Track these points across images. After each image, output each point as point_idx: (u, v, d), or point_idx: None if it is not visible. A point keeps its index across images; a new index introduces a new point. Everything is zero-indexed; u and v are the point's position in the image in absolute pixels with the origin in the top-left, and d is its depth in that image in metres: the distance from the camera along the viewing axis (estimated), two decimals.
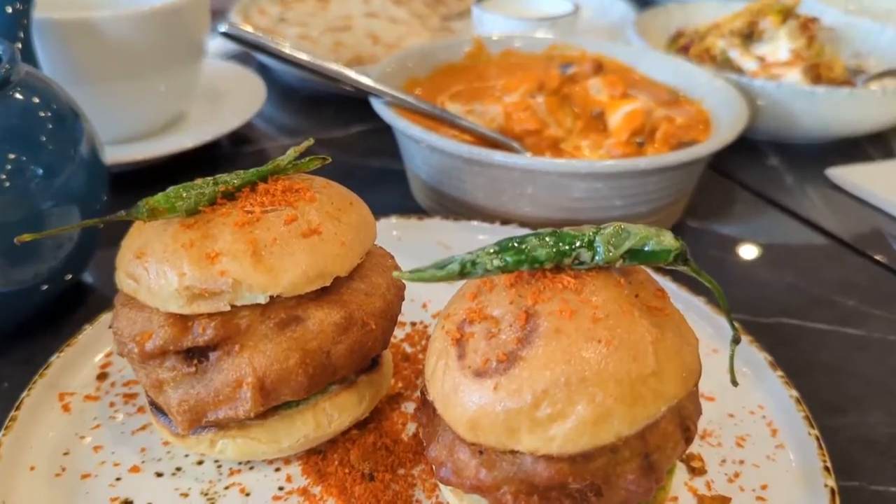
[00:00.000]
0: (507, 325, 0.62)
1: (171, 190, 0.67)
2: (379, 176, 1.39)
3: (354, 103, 1.58)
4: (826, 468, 0.74)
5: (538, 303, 0.62)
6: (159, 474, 0.75)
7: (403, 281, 0.75)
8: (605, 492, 0.62)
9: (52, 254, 0.92)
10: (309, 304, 0.68)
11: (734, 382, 0.70)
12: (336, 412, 0.73)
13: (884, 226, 1.31)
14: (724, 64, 1.62)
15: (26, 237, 0.63)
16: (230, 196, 0.70)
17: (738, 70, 1.58)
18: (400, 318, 0.96)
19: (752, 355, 0.89)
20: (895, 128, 1.56)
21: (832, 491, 0.72)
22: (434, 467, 0.67)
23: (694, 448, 0.79)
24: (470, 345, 0.63)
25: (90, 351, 0.88)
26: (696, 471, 0.77)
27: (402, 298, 0.78)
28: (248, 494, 0.73)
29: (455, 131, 1.19)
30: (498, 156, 1.05)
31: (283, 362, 0.66)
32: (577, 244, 0.63)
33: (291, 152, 0.75)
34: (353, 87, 1.18)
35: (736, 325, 0.69)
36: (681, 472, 0.77)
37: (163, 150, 1.30)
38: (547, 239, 0.63)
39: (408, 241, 1.04)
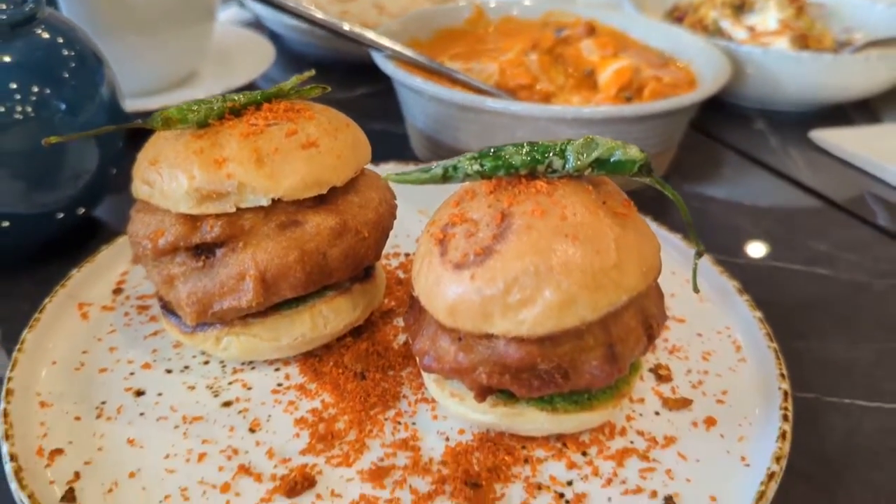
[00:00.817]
0: (484, 225, 0.69)
1: (183, 103, 0.74)
2: (381, 137, 1.45)
3: (359, 69, 1.64)
4: (781, 374, 0.80)
5: (513, 205, 0.69)
6: (168, 371, 0.82)
7: (393, 191, 0.82)
8: (572, 375, 0.69)
9: (71, 183, 0.99)
10: (307, 211, 0.75)
11: (696, 289, 0.77)
12: (332, 314, 0.80)
13: (863, 184, 1.37)
14: (715, 33, 1.68)
15: (53, 139, 0.70)
16: (237, 112, 0.76)
17: (729, 39, 1.64)
18: (396, 250, 1.04)
19: (722, 283, 0.96)
20: (879, 95, 1.62)
21: (785, 393, 0.78)
22: (418, 358, 0.73)
23: (662, 360, 0.86)
24: (451, 243, 0.70)
25: (107, 268, 0.95)
26: (663, 378, 0.84)
27: (394, 216, 0.85)
28: (249, 388, 0.80)
29: (453, 85, 1.25)
30: (490, 102, 1.12)
31: (283, 258, 0.73)
32: (550, 153, 0.70)
33: (294, 79, 0.81)
34: (357, 42, 1.25)
35: (698, 240, 0.75)
36: (649, 379, 0.84)
37: (175, 101, 1.36)
38: (523, 147, 0.70)
39: (403, 185, 1.11)
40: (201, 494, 0.68)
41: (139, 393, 0.79)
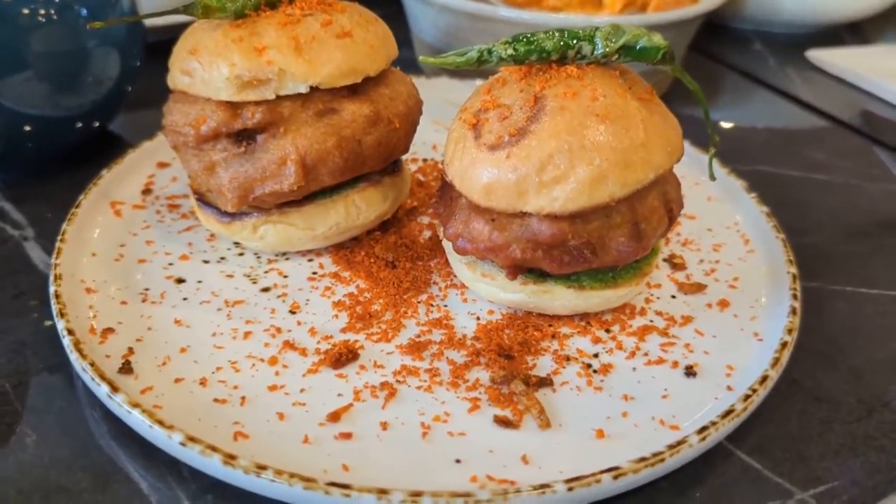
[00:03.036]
0: (517, 109, 0.72)
1: None
2: None
3: None
4: (789, 260, 0.85)
5: (545, 88, 0.72)
6: (206, 261, 0.85)
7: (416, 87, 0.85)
8: (599, 251, 0.73)
9: (91, 90, 1.00)
10: (343, 99, 0.78)
11: (712, 177, 0.81)
12: (364, 205, 0.83)
13: (857, 100, 1.41)
14: None
15: (97, 24, 0.72)
16: (272, 4, 0.78)
17: None
18: (414, 156, 1.07)
19: (731, 183, 1.00)
20: (871, 18, 1.66)
21: (793, 276, 0.83)
22: (451, 241, 0.77)
23: (676, 251, 0.90)
24: (485, 127, 0.73)
25: (134, 170, 0.98)
26: (678, 266, 0.88)
27: (421, 111, 0.87)
28: (286, 276, 0.84)
29: None
30: (503, 11, 1.15)
31: (322, 143, 0.75)
32: (580, 38, 0.72)
33: None
34: None
35: (714, 130, 0.79)
36: (664, 268, 0.88)
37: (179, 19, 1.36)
38: (554, 34, 0.73)
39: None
40: (251, 367, 0.71)
41: (180, 280, 0.82)
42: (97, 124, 1.08)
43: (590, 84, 0.71)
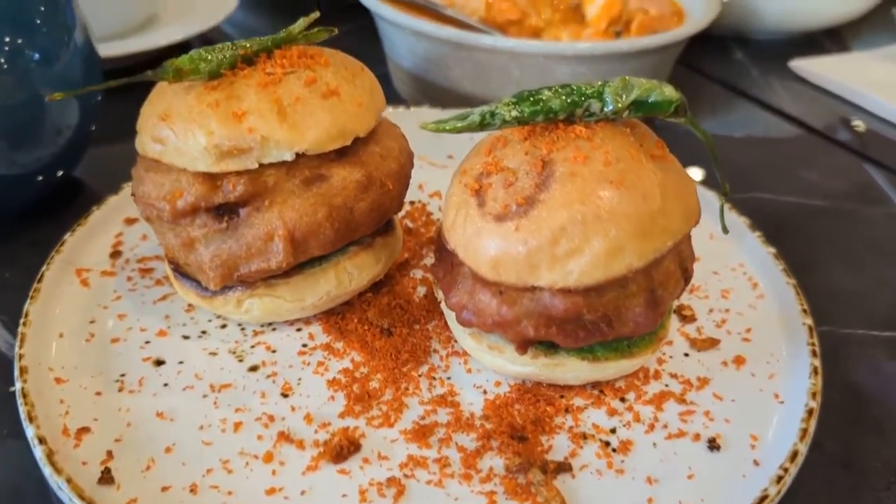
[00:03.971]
0: (523, 174, 0.66)
1: (193, 52, 0.68)
2: None
3: (329, 3, 1.57)
4: (804, 310, 0.81)
5: (552, 151, 0.66)
6: (186, 337, 0.78)
7: (407, 140, 0.79)
8: (615, 323, 0.68)
9: (52, 140, 0.93)
10: (331, 164, 0.71)
11: (725, 230, 0.76)
12: (356, 270, 0.77)
13: (844, 112, 1.39)
14: None
15: (58, 95, 0.65)
16: (249, 61, 0.71)
17: None
18: None
19: (732, 219, 0.96)
20: (850, 24, 1.64)
21: (809, 328, 0.79)
22: (455, 312, 0.71)
23: (684, 300, 0.86)
24: (489, 194, 0.67)
25: (100, 231, 0.90)
26: (687, 318, 0.84)
27: (412, 165, 0.81)
28: (274, 351, 0.77)
29: (438, 21, 1.20)
30: (486, 39, 1.09)
31: (312, 215, 0.69)
32: (588, 95, 0.67)
33: (301, 22, 0.76)
34: None
35: (724, 179, 0.75)
36: (673, 321, 0.84)
37: (138, 47, 1.29)
38: (560, 90, 0.67)
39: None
40: (244, 465, 0.65)
41: (159, 362, 0.75)
42: (61, 173, 1.00)
43: (601, 145, 0.66)
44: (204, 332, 0.79)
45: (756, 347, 0.80)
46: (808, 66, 1.48)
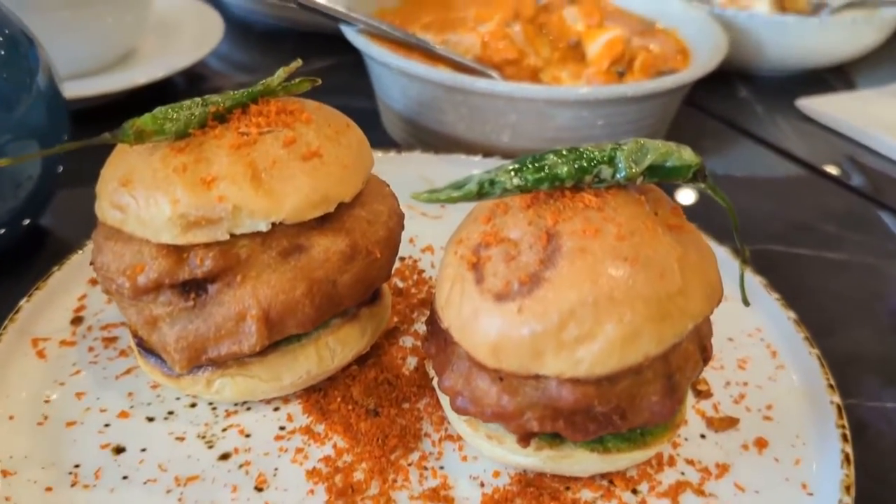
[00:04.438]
0: (526, 247, 0.59)
1: (158, 111, 0.61)
2: (346, 113, 1.33)
3: (313, 39, 1.52)
4: (830, 386, 0.74)
5: (559, 222, 0.60)
6: (150, 419, 0.71)
7: (398, 200, 0.72)
8: (629, 414, 0.61)
9: (12, 193, 0.85)
10: (312, 233, 0.64)
11: (746, 303, 0.70)
12: (339, 346, 0.70)
13: (854, 153, 1.33)
14: None
15: (3, 162, 0.57)
16: (221, 118, 0.64)
17: (706, 2, 1.56)
18: None
19: (747, 279, 0.88)
20: (856, 61, 1.59)
21: (838, 407, 0.72)
22: (449, 398, 0.64)
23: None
24: (488, 268, 0.60)
25: (61, 294, 0.82)
26: (703, 394, 0.77)
27: (403, 227, 0.74)
28: (248, 436, 0.70)
29: (431, 61, 1.14)
30: (482, 83, 1.02)
31: (290, 293, 0.62)
32: (598, 161, 0.60)
33: (281, 72, 0.70)
34: (324, 15, 1.12)
35: (744, 246, 0.68)
36: (688, 396, 0.76)
37: (113, 86, 1.22)
38: (567, 155, 0.60)
39: (387, 176, 0.99)
40: None
41: (119, 450, 0.67)
42: (27, 222, 0.92)
43: (612, 216, 0.59)
44: (171, 413, 0.71)
45: (779, 427, 0.73)
46: (814, 105, 1.42)
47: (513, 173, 0.60)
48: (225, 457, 0.67)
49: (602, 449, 0.64)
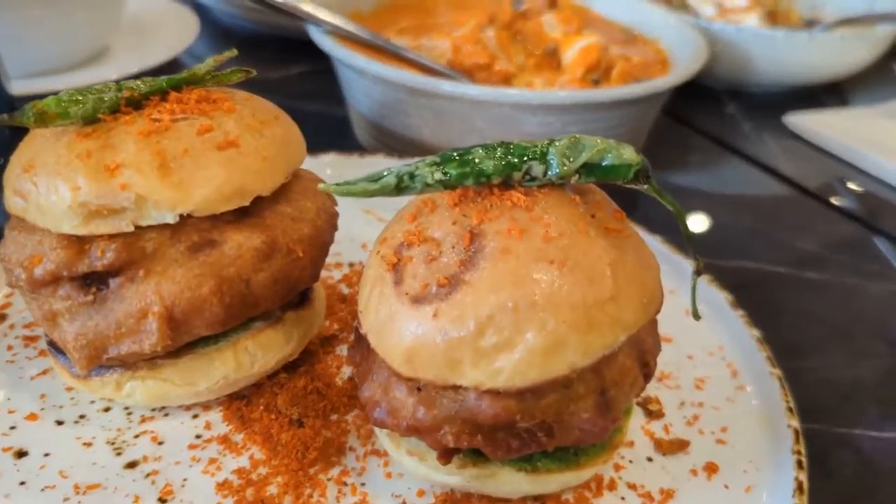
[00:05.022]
0: (448, 247, 0.55)
1: (64, 93, 0.58)
2: (319, 121, 1.30)
3: (293, 45, 1.48)
4: (789, 409, 0.70)
5: (484, 222, 0.55)
6: (60, 422, 0.67)
7: (334, 197, 0.68)
8: (557, 432, 0.56)
9: None
10: (226, 227, 0.60)
11: (696, 316, 0.65)
12: (259, 351, 0.66)
13: (841, 172, 1.28)
14: (682, 9, 1.57)
15: None
16: (136, 104, 0.61)
17: (696, 15, 1.53)
18: (338, 259, 0.90)
19: (712, 295, 0.84)
20: (850, 78, 1.54)
21: (795, 432, 0.67)
22: (368, 408, 0.60)
23: (651, 390, 0.74)
24: (408, 270, 0.56)
25: None
26: (654, 414, 0.72)
27: (335, 227, 0.70)
28: (161, 443, 0.65)
29: (401, 65, 1.10)
30: (446, 85, 0.99)
31: (195, 290, 0.58)
32: (529, 156, 0.56)
33: (210, 61, 0.66)
34: (292, 15, 1.09)
35: (697, 256, 0.63)
36: (637, 415, 0.72)
37: (82, 81, 1.18)
38: (495, 150, 0.56)
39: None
40: None
41: (21, 454, 0.63)
42: None
43: (541, 217, 0.55)
44: (82, 417, 0.67)
45: (732, 452, 0.68)
46: (804, 122, 1.37)
47: (435, 167, 0.56)
48: (132, 465, 0.63)
49: (530, 469, 0.60)
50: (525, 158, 0.56)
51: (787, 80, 1.48)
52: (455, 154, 0.56)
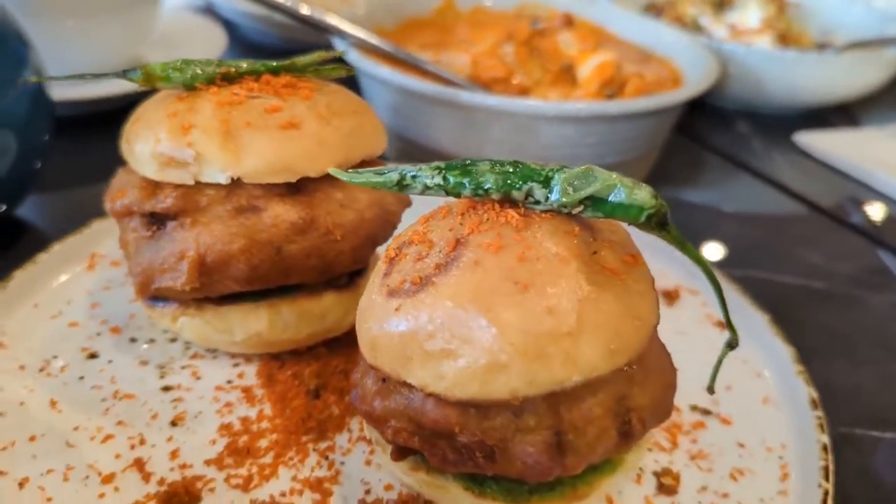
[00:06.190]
0: (436, 251, 0.57)
1: (169, 61, 0.68)
2: None
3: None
4: None
5: (473, 233, 0.56)
6: (133, 339, 0.78)
7: (404, 198, 0.74)
8: (499, 457, 0.55)
9: None
10: (273, 198, 0.67)
11: (710, 390, 0.59)
12: (293, 318, 0.72)
13: (850, 190, 1.29)
14: (694, 31, 1.61)
15: (34, 79, 0.68)
16: (230, 79, 0.70)
17: (709, 37, 1.57)
18: None
19: (796, 386, 0.75)
20: (859, 100, 1.56)
21: None
22: (350, 390, 0.63)
23: (677, 464, 0.68)
24: (399, 265, 0.58)
25: None
26: (665, 488, 0.66)
27: (391, 223, 0.74)
28: (198, 378, 0.74)
29: (422, 78, 1.14)
30: (465, 95, 1.05)
31: (227, 245, 0.65)
32: (533, 178, 0.56)
33: (315, 55, 0.74)
34: (318, 28, 1.16)
35: (734, 326, 0.58)
36: (648, 484, 0.66)
37: (115, 90, 1.22)
38: (502, 166, 0.57)
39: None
40: (83, 478, 0.62)
41: (93, 355, 0.75)
42: (3, 208, 0.94)
43: (527, 238, 0.54)
44: (152, 341, 0.78)
45: None
46: (814, 141, 1.39)
47: (436, 171, 0.57)
48: (167, 389, 0.72)
49: (478, 491, 0.59)
50: (527, 181, 0.56)
51: (798, 100, 1.50)
52: (460, 164, 0.57)
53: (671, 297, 0.89)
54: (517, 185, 0.56)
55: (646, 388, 0.58)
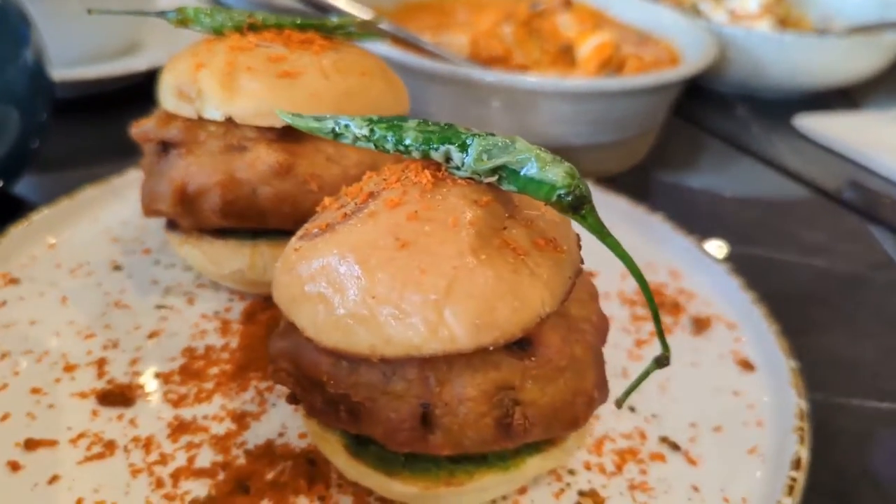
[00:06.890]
0: (353, 202, 0.57)
1: (203, 7, 0.74)
2: None
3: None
4: None
5: (386, 189, 0.55)
6: (157, 262, 0.85)
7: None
8: (364, 417, 0.53)
9: None
10: (262, 141, 0.70)
11: (618, 404, 0.53)
12: (272, 262, 0.74)
13: (848, 172, 1.27)
14: (694, 16, 1.55)
15: (94, 10, 0.76)
16: (255, 29, 0.74)
17: (708, 21, 1.51)
18: None
19: (785, 441, 0.64)
20: (859, 83, 1.54)
21: None
22: None
23: (609, 489, 0.62)
24: (324, 213, 0.59)
25: None
26: (587, 496, 0.60)
27: None
28: (191, 304, 0.79)
29: (422, 56, 1.11)
30: (462, 71, 1.04)
31: (207, 177, 0.69)
32: (450, 140, 0.54)
33: (347, 20, 0.76)
34: (317, 7, 1.13)
35: (664, 339, 0.52)
36: (567, 500, 0.61)
37: (112, 71, 1.23)
38: (429, 126, 0.55)
39: None
40: (52, 363, 0.69)
41: (117, 268, 0.83)
42: (0, 184, 0.94)
43: (430, 200, 0.53)
44: (172, 265, 0.85)
45: None
46: (813, 124, 1.37)
47: (366, 123, 0.57)
48: (159, 307, 0.79)
49: (354, 451, 0.58)
50: (447, 142, 0.54)
51: (797, 84, 1.49)
52: (391, 119, 0.56)
53: (701, 324, 0.80)
54: (435, 146, 0.54)
55: (544, 387, 0.54)
